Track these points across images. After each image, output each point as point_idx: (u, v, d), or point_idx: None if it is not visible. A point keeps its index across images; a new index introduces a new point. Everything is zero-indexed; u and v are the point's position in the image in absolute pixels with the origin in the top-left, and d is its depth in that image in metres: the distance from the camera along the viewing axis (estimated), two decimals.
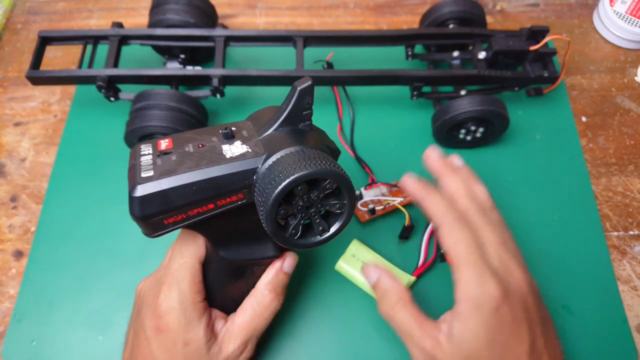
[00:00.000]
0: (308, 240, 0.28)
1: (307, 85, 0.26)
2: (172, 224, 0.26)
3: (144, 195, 0.24)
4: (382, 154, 0.47)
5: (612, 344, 0.40)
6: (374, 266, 0.35)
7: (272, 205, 0.25)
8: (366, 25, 0.58)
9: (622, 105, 0.52)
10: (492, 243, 0.32)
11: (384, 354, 0.39)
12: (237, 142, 0.27)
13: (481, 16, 0.49)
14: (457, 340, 0.30)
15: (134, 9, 0.59)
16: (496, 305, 0.30)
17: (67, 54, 0.55)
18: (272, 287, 0.34)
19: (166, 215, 0.25)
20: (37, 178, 0.47)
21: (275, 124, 0.28)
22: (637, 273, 0.43)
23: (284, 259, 0.34)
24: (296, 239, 0.27)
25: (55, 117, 0.51)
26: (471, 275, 0.30)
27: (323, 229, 0.28)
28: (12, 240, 0.44)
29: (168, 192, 0.24)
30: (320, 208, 0.27)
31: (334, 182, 0.26)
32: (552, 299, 0.41)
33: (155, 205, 0.25)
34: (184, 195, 0.25)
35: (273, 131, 0.28)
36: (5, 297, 0.42)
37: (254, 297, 0.34)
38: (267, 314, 0.34)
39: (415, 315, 0.32)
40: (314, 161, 0.25)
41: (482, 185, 0.38)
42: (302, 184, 0.25)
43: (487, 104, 0.42)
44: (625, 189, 0.47)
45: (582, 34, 0.57)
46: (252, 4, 0.60)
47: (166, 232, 0.26)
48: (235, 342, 0.32)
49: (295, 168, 0.24)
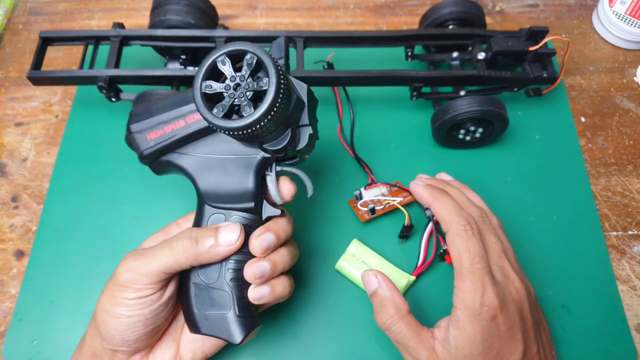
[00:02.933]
0: (237, 121, 0.27)
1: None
2: (155, 140, 0.32)
3: (135, 108, 0.33)
4: (382, 154, 0.48)
5: (611, 344, 0.40)
6: (374, 274, 0.35)
7: (198, 77, 0.28)
8: (366, 26, 0.58)
9: (621, 105, 0.52)
10: (495, 252, 0.34)
11: (384, 353, 0.39)
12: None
13: (480, 17, 0.49)
14: (452, 347, 0.31)
15: (134, 10, 0.59)
16: (494, 314, 0.30)
17: (68, 55, 0.55)
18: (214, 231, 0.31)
19: (148, 129, 0.32)
20: (38, 178, 0.47)
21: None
22: (636, 273, 0.43)
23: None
24: (222, 117, 0.28)
25: (56, 117, 0.51)
26: (472, 284, 0.31)
27: (249, 109, 0.28)
28: (13, 240, 0.44)
29: (150, 106, 0.33)
30: (248, 88, 0.28)
31: (253, 56, 0.28)
32: (551, 299, 0.41)
33: (140, 116, 0.33)
34: (161, 108, 0.32)
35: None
36: (6, 297, 0.42)
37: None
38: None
39: (413, 327, 0.32)
40: (237, 44, 0.28)
41: (475, 193, 0.40)
42: (226, 60, 0.28)
43: (486, 104, 0.42)
44: (624, 189, 0.47)
45: (582, 35, 0.57)
46: (253, 5, 0.60)
47: (152, 151, 0.32)
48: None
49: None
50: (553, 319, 0.41)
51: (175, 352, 0.33)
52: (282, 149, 0.30)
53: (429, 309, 0.41)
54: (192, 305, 0.31)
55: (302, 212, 0.45)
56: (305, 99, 0.31)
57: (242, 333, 0.31)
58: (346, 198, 0.45)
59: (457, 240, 0.33)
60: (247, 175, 0.32)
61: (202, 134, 0.32)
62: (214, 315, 0.31)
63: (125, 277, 0.30)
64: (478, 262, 0.32)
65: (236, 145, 0.32)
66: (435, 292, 0.41)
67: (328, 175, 0.46)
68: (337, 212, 0.45)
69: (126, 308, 0.30)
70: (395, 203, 0.43)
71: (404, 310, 0.33)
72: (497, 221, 0.37)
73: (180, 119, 0.32)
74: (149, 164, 0.34)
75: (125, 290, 0.30)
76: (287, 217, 0.34)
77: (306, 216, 0.44)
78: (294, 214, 0.44)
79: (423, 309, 0.41)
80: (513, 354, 0.31)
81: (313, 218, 0.44)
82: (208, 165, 0.32)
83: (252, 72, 0.28)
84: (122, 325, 0.30)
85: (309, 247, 0.43)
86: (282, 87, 0.27)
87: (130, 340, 0.31)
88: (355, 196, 0.44)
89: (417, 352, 0.32)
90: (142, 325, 0.30)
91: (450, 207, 0.35)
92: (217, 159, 0.32)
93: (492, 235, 0.34)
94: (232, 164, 0.32)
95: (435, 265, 0.42)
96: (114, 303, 0.30)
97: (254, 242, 0.31)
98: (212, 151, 0.32)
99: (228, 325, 0.31)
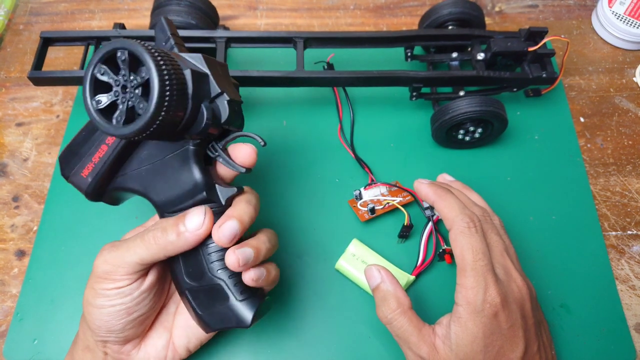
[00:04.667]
0: (137, 122, 0.26)
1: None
2: (90, 174, 0.31)
3: (61, 154, 0.33)
4: (382, 154, 0.48)
5: (610, 343, 0.40)
6: (377, 269, 0.35)
7: (85, 97, 0.27)
8: (366, 26, 0.58)
9: (620, 105, 0.52)
10: (497, 250, 0.34)
11: (383, 352, 0.39)
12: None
13: (480, 17, 0.49)
14: (454, 344, 0.31)
15: (135, 10, 0.59)
16: (496, 311, 0.31)
17: (69, 55, 0.55)
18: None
19: (79, 167, 0.32)
20: (39, 178, 0.47)
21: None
22: (635, 272, 0.43)
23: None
24: (124, 124, 0.26)
25: (57, 117, 0.51)
26: (475, 281, 0.31)
27: (144, 105, 0.26)
28: (15, 239, 0.45)
29: (71, 146, 0.32)
30: (133, 85, 0.26)
31: (123, 50, 0.26)
32: (551, 298, 0.41)
33: (67, 159, 0.32)
34: (80, 143, 0.32)
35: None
36: (7, 296, 0.42)
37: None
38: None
39: (414, 322, 0.33)
40: (105, 46, 0.27)
41: (477, 194, 0.40)
42: (102, 68, 0.27)
43: (485, 104, 0.42)
44: (623, 189, 0.47)
45: (581, 35, 0.58)
46: (253, 6, 0.60)
47: (93, 187, 0.32)
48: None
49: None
50: (552, 318, 0.41)
51: (168, 340, 0.34)
52: (204, 128, 0.29)
53: (428, 309, 0.41)
54: (195, 309, 0.31)
55: (302, 212, 0.45)
56: (207, 69, 0.29)
57: (249, 313, 0.30)
58: (346, 198, 0.45)
59: (460, 238, 0.33)
60: (189, 170, 0.31)
61: (129, 149, 0.31)
62: (218, 309, 0.31)
63: (101, 269, 0.30)
64: (481, 259, 0.32)
65: (165, 145, 0.31)
66: (435, 292, 0.41)
67: (328, 175, 0.47)
68: (337, 212, 0.45)
69: (106, 299, 0.30)
70: (394, 203, 0.43)
71: (405, 305, 0.33)
72: (498, 221, 0.37)
73: (101, 144, 0.31)
74: (100, 199, 0.33)
75: (102, 281, 0.30)
76: (248, 194, 0.32)
77: (306, 216, 0.45)
78: (293, 213, 0.45)
79: (422, 308, 0.41)
80: (514, 351, 0.31)
81: (313, 218, 0.44)
82: (150, 175, 0.31)
83: (130, 67, 0.26)
84: (106, 315, 0.30)
85: (308, 247, 0.43)
86: (163, 68, 0.25)
87: (117, 329, 0.31)
88: (355, 196, 0.44)
89: (417, 347, 0.32)
90: (126, 313, 0.31)
91: (454, 205, 0.35)
92: (155, 165, 0.31)
93: (494, 234, 0.35)
94: (171, 164, 0.31)
95: (435, 265, 0.42)
96: (95, 295, 0.30)
97: (217, 235, 0.29)
98: (148, 160, 0.31)
99: (233, 312, 0.31)
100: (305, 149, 0.48)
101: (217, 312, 0.31)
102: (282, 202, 0.45)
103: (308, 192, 0.46)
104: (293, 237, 0.44)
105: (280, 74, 0.44)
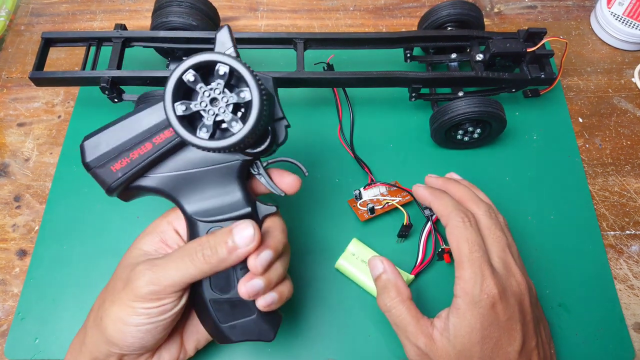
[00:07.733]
0: (229, 139, 0.26)
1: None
2: (121, 170, 0.29)
3: (87, 142, 0.30)
4: (381, 155, 0.48)
5: (609, 342, 0.40)
6: (380, 259, 0.36)
7: (168, 100, 0.26)
8: (365, 27, 0.59)
9: (618, 106, 0.53)
10: (499, 245, 0.34)
11: (383, 351, 0.39)
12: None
13: (479, 18, 0.49)
14: (451, 335, 0.31)
15: (136, 11, 0.60)
16: (493, 302, 0.31)
17: (71, 56, 0.55)
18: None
19: (111, 160, 0.29)
20: (41, 178, 0.48)
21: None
22: (633, 272, 0.43)
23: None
24: (211, 139, 0.26)
25: (59, 117, 0.51)
26: (472, 271, 0.31)
27: (237, 124, 0.26)
28: (16, 239, 0.45)
29: (102, 135, 0.29)
30: (227, 101, 0.26)
31: (225, 65, 0.26)
32: (549, 298, 0.42)
33: (95, 149, 0.29)
34: (118, 134, 0.29)
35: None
36: (9, 296, 0.42)
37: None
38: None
39: (412, 312, 0.33)
40: (202, 55, 0.26)
41: (483, 192, 0.40)
42: (194, 74, 0.26)
43: (484, 105, 0.42)
44: (621, 189, 0.48)
45: (580, 36, 0.58)
46: (254, 7, 0.60)
47: (120, 183, 0.29)
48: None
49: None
50: (551, 317, 0.41)
51: (180, 345, 0.34)
52: (266, 148, 0.29)
53: (427, 308, 0.41)
54: (216, 320, 0.31)
55: (302, 212, 0.45)
56: (273, 91, 0.30)
57: (273, 330, 0.32)
58: (346, 198, 0.45)
59: (456, 231, 0.33)
60: (232, 183, 0.30)
61: (172, 152, 0.30)
62: (241, 323, 0.31)
63: (147, 290, 0.29)
64: (477, 250, 0.32)
65: (212, 155, 0.30)
66: (434, 291, 0.42)
67: (328, 175, 0.47)
68: (337, 212, 0.45)
69: (146, 317, 0.29)
70: (394, 203, 0.43)
71: (405, 295, 0.34)
72: (503, 219, 0.37)
73: (146, 142, 0.29)
74: (117, 194, 0.32)
75: (147, 302, 0.29)
76: (281, 220, 0.33)
77: (306, 216, 0.45)
78: (293, 213, 0.45)
79: (422, 307, 0.40)
80: (511, 344, 0.31)
81: (313, 218, 0.45)
82: (185, 181, 0.30)
83: (226, 83, 0.26)
84: (143, 332, 0.30)
85: (309, 247, 0.43)
86: (264, 93, 0.26)
87: (150, 345, 0.31)
88: (355, 196, 0.44)
89: (415, 337, 0.32)
90: (163, 329, 0.31)
91: (449, 203, 0.35)
92: (194, 173, 0.30)
93: (498, 230, 0.35)
94: (211, 175, 0.30)
95: (434, 264, 0.43)
96: (133, 313, 0.29)
97: (253, 263, 0.29)
98: (186, 166, 0.30)
99: (258, 327, 0.31)
100: (305, 149, 0.48)
101: (240, 325, 0.31)
102: (282, 202, 0.45)
103: (308, 192, 0.46)
104: (293, 236, 0.44)
105: (280, 75, 0.44)
